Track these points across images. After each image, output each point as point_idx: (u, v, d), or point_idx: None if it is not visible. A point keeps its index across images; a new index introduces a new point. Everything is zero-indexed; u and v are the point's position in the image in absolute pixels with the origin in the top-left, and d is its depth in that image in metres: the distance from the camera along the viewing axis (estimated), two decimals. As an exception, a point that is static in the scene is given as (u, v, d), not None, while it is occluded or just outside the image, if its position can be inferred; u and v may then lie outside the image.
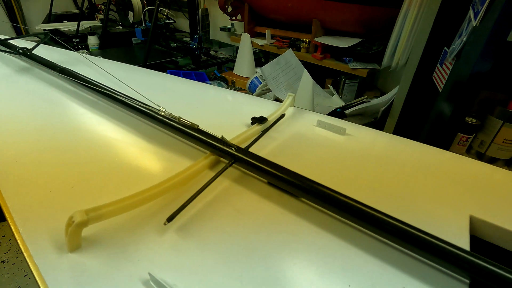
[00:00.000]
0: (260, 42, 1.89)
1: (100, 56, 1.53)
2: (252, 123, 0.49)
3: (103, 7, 2.66)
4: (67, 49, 0.82)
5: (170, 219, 0.29)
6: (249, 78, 1.62)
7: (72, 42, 2.08)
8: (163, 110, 0.42)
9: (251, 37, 1.85)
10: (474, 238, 0.34)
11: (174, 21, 2.60)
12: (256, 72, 1.61)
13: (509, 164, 1.10)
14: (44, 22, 2.65)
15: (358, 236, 0.30)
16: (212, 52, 2.18)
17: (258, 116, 0.49)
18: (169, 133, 0.46)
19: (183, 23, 2.82)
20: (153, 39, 1.94)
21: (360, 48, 1.47)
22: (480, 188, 0.38)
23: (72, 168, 0.39)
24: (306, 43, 1.66)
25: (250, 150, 0.39)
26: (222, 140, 0.38)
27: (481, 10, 0.70)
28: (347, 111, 1.25)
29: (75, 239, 0.27)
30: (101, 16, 2.53)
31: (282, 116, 0.51)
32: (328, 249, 0.29)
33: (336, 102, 1.47)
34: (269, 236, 0.30)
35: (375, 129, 0.52)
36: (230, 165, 0.37)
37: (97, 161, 0.40)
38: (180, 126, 0.41)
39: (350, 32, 1.54)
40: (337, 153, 0.45)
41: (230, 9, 2.05)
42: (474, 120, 1.06)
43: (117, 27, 2.35)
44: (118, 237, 0.29)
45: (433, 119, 0.95)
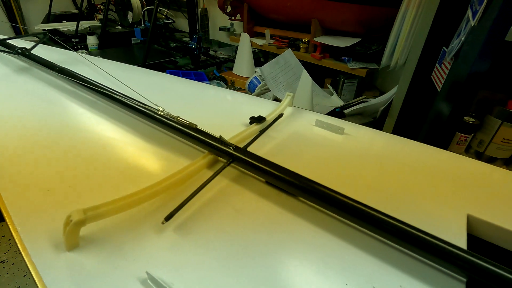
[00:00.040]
0: (259, 42, 1.89)
1: (99, 56, 1.53)
2: (251, 123, 0.49)
3: (102, 7, 2.66)
4: (66, 49, 0.82)
5: (168, 218, 0.29)
6: (248, 78, 1.62)
7: (72, 42, 2.08)
8: (162, 109, 0.42)
9: (250, 37, 1.85)
10: (472, 237, 0.34)
11: (173, 21, 2.60)
12: (255, 72, 1.61)
13: (508, 164, 1.10)
14: (43, 22, 2.65)
15: (356, 235, 0.30)
16: (211, 52, 2.18)
17: (256, 116, 0.49)
18: (168, 132, 0.46)
19: (182, 23, 2.82)
20: (152, 39, 1.94)
21: (359, 48, 1.48)
22: (477, 187, 0.38)
23: (70, 168, 0.39)
24: (305, 42, 1.66)
25: (248, 150, 0.39)
26: (220, 140, 0.38)
27: (479, 9, 0.70)
28: (346, 111, 1.25)
29: (73, 238, 0.27)
30: (101, 16, 2.53)
31: (281, 116, 0.51)
32: (326, 247, 0.29)
33: (335, 101, 1.47)
34: (267, 235, 0.30)
35: (374, 129, 0.52)
36: (228, 165, 0.37)
37: (96, 161, 0.40)
38: (178, 126, 0.41)
39: (349, 32, 1.54)
40: (335, 153, 0.45)
41: (229, 9, 2.05)
42: (473, 120, 1.06)
43: (117, 27, 2.35)
44: (116, 236, 0.29)
45: (432, 119, 0.95)
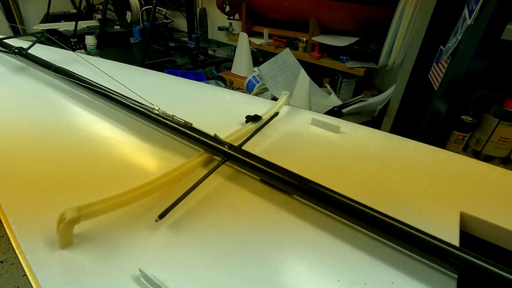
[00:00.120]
0: (257, 41, 1.89)
1: (98, 56, 1.53)
2: (247, 122, 0.49)
3: (101, 6, 2.65)
4: (64, 49, 0.82)
5: (161, 216, 0.30)
6: (247, 77, 1.63)
7: (70, 42, 2.08)
8: (157, 108, 0.42)
9: (249, 37, 1.85)
10: (468, 235, 0.34)
11: (172, 21, 2.60)
12: (254, 71, 1.61)
13: (506, 162, 1.10)
14: (41, 22, 2.65)
15: (348, 232, 0.31)
16: (210, 52, 2.18)
17: (252, 115, 0.49)
18: (163, 131, 0.46)
19: (181, 22, 2.82)
20: (151, 38, 1.94)
21: (357, 47, 1.48)
22: (471, 185, 0.39)
23: (65, 166, 0.39)
24: (303, 42, 1.66)
25: (244, 148, 0.39)
26: (215, 138, 0.39)
27: (475, 8, 0.71)
28: (344, 110, 1.25)
29: (67, 236, 0.27)
30: (99, 16, 2.53)
31: (276, 114, 0.51)
32: (319, 245, 0.29)
33: (334, 101, 1.47)
34: (261, 233, 0.30)
35: (369, 127, 0.52)
36: (222, 163, 0.37)
37: (91, 159, 0.41)
38: (174, 124, 0.41)
39: (347, 31, 1.54)
40: (330, 151, 0.45)
41: (228, 8, 2.05)
42: (471, 119, 1.06)
43: (115, 27, 2.35)
44: (110, 234, 0.29)
45: (429, 118, 0.95)
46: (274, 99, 1.32)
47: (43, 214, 0.31)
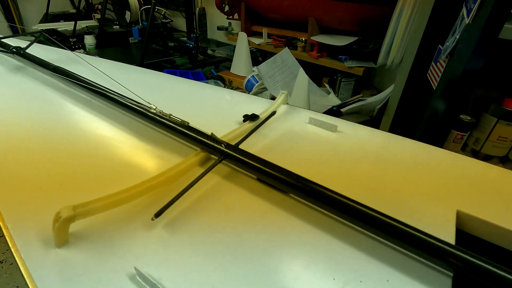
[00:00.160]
0: (257, 41, 1.89)
1: (97, 56, 1.53)
2: (244, 121, 0.49)
3: (100, 6, 2.65)
4: (62, 48, 0.82)
5: (157, 214, 0.30)
6: (246, 77, 1.63)
7: (69, 42, 2.08)
8: (154, 107, 0.42)
9: (248, 36, 1.85)
10: (466, 234, 0.34)
11: (171, 21, 2.60)
12: (253, 71, 1.61)
13: (504, 161, 1.10)
14: (41, 22, 2.65)
15: (344, 230, 0.31)
16: (209, 52, 2.18)
17: (250, 114, 0.49)
18: (161, 130, 0.46)
19: (180, 22, 2.82)
20: (150, 38, 1.94)
21: (356, 47, 1.48)
22: (468, 184, 0.39)
23: (62, 166, 0.39)
24: (302, 41, 1.66)
25: (241, 147, 0.39)
26: (211, 137, 0.39)
27: (473, 7, 0.71)
28: (343, 110, 1.25)
29: (62, 234, 0.27)
30: (98, 16, 2.53)
31: (273, 114, 0.51)
32: (315, 243, 0.29)
33: (333, 100, 1.47)
34: (257, 231, 0.30)
35: (367, 126, 0.52)
36: (219, 162, 0.37)
37: (88, 159, 0.41)
38: (171, 123, 0.41)
39: (346, 31, 1.54)
40: (327, 150, 0.45)
41: (227, 8, 2.05)
42: (469, 118, 1.06)
43: (114, 27, 2.35)
44: (105, 232, 0.29)
45: (427, 117, 0.95)
46: (273, 98, 1.32)
47: (39, 213, 0.31)
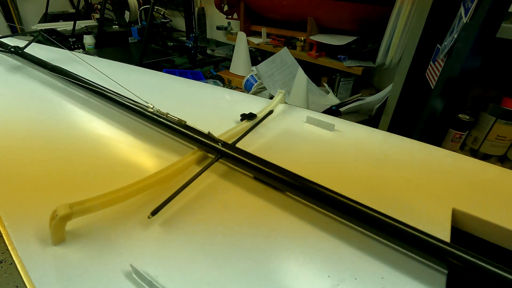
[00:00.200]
0: (256, 40, 1.89)
1: (96, 56, 1.53)
2: (242, 120, 0.49)
3: (99, 6, 2.65)
4: (61, 48, 0.82)
5: (154, 213, 0.30)
6: (245, 76, 1.63)
7: (69, 42, 2.08)
8: (151, 106, 0.42)
9: (247, 36, 1.85)
10: (462, 233, 0.34)
11: (170, 20, 2.60)
12: (252, 70, 1.61)
13: (503, 161, 1.10)
14: (40, 21, 2.65)
15: (339, 228, 0.31)
16: (208, 51, 2.18)
17: (247, 113, 0.49)
18: (158, 129, 0.46)
19: (180, 22, 2.82)
20: (149, 38, 1.94)
21: (355, 46, 1.48)
22: (464, 182, 0.39)
23: (60, 165, 0.39)
24: (301, 41, 1.66)
25: (238, 146, 0.39)
26: (208, 136, 0.39)
27: (471, 6, 0.71)
28: (342, 109, 1.25)
29: (59, 232, 0.27)
30: (98, 16, 2.53)
31: (271, 113, 0.51)
32: (311, 240, 0.29)
33: (332, 100, 1.47)
34: (253, 229, 0.31)
35: (364, 125, 0.52)
36: (216, 160, 0.37)
37: (86, 158, 0.41)
38: (168, 122, 0.41)
39: (345, 30, 1.54)
40: (324, 149, 0.45)
41: (226, 8, 2.05)
42: (468, 117, 1.06)
43: (114, 27, 2.35)
44: (102, 230, 0.29)
45: (426, 116, 0.95)
46: (272, 98, 1.32)
47: (36, 211, 0.31)
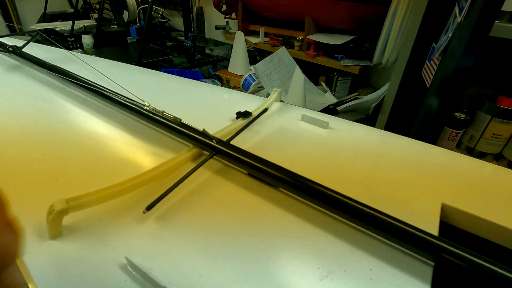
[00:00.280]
0: (254, 40, 1.90)
1: (95, 55, 1.53)
2: (237, 118, 0.50)
3: (98, 6, 2.65)
4: (59, 47, 0.83)
5: (149, 208, 0.30)
6: (243, 76, 1.63)
7: (67, 41, 2.09)
8: (147, 104, 0.43)
9: (245, 35, 1.86)
10: (458, 229, 0.35)
11: (169, 20, 2.61)
12: (250, 70, 1.62)
13: (498, 159, 1.11)
14: (39, 21, 2.65)
15: (330, 222, 0.32)
16: (207, 51, 2.19)
17: (243, 111, 0.50)
18: (154, 127, 0.47)
19: (178, 21, 2.82)
20: (148, 38, 1.94)
21: (352, 45, 1.49)
22: (454, 179, 0.40)
23: (57, 162, 0.40)
24: (299, 40, 1.67)
25: (233, 143, 0.40)
26: (203, 133, 0.39)
27: (465, 6, 0.72)
28: (339, 108, 1.26)
29: (56, 226, 0.28)
30: (96, 15, 2.53)
31: (265, 110, 0.52)
32: (302, 234, 0.30)
33: (329, 99, 1.48)
34: (246, 224, 0.31)
35: (357, 123, 0.53)
36: (210, 157, 0.38)
37: (83, 155, 0.41)
38: (164, 120, 0.42)
39: (342, 30, 1.55)
40: (318, 146, 0.46)
41: (224, 7, 2.06)
42: (464, 116, 1.07)
43: (112, 26, 2.36)
44: (98, 225, 0.30)
45: (422, 114, 0.96)
46: (270, 97, 1.33)
47: (34, 207, 0.32)
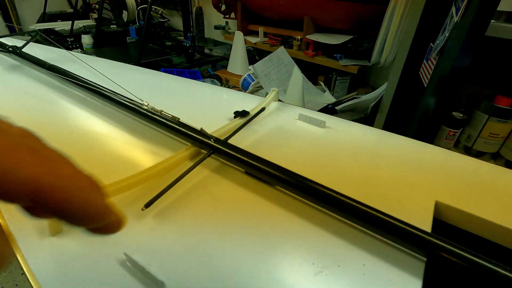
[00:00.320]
0: (253, 39, 1.90)
1: (94, 55, 1.54)
2: (235, 117, 0.51)
3: (97, 6, 2.66)
4: (58, 47, 0.83)
5: (147, 205, 0.31)
6: (242, 75, 1.64)
7: (67, 41, 2.09)
8: (146, 104, 0.44)
9: (245, 35, 1.86)
10: (452, 226, 0.36)
11: (168, 20, 2.61)
12: (249, 69, 1.63)
13: (496, 158, 1.12)
14: (38, 21, 2.65)
15: (324, 219, 0.32)
16: (206, 51, 2.19)
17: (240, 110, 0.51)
18: (153, 126, 0.48)
19: (178, 21, 2.82)
20: (147, 37, 1.95)
21: (351, 45, 1.49)
22: (450, 177, 0.40)
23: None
24: (298, 40, 1.67)
25: (230, 142, 0.41)
26: (201, 132, 0.40)
27: (461, 6, 0.72)
28: (337, 107, 1.27)
29: (56, 223, 0.29)
30: (96, 15, 2.53)
31: (263, 110, 0.53)
32: (297, 231, 0.31)
33: (328, 98, 1.48)
34: (243, 221, 0.32)
35: (354, 122, 0.54)
36: (208, 155, 0.38)
37: (82, 154, 0.42)
38: (162, 119, 0.43)
39: (341, 29, 1.55)
40: (314, 144, 0.47)
41: (223, 7, 2.06)
42: (461, 115, 1.08)
43: (112, 26, 2.36)
44: (97, 222, 0.31)
45: (420, 114, 0.97)
46: (269, 96, 1.33)
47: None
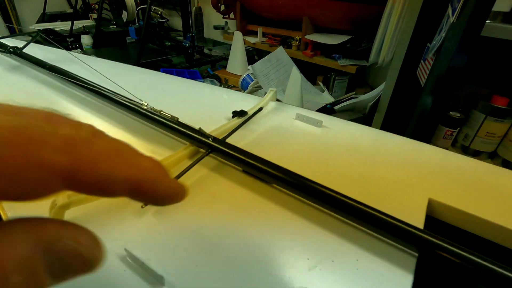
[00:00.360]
0: (252, 40, 1.91)
1: (94, 55, 1.55)
2: (233, 117, 0.51)
3: (97, 6, 2.66)
4: (58, 48, 0.84)
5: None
6: (241, 75, 1.65)
7: (66, 42, 2.10)
8: (145, 104, 0.44)
9: (244, 35, 1.87)
10: (446, 224, 0.37)
11: (168, 20, 2.62)
12: (248, 69, 1.63)
13: (493, 157, 1.13)
14: (38, 21, 2.66)
15: (319, 216, 0.33)
16: (206, 51, 2.20)
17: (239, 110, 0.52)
18: (152, 126, 0.48)
19: (177, 21, 2.83)
20: (146, 38, 1.95)
21: (349, 45, 1.50)
22: (444, 175, 0.41)
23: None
24: (296, 40, 1.68)
25: (228, 141, 0.41)
26: (199, 131, 0.41)
27: (457, 6, 0.73)
28: (336, 107, 1.28)
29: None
30: (95, 16, 2.54)
31: (260, 109, 0.54)
32: (292, 227, 0.31)
33: (327, 98, 1.49)
34: (240, 218, 0.33)
35: (351, 122, 0.54)
36: (206, 154, 0.39)
37: (83, 153, 0.43)
38: (161, 119, 0.43)
39: (339, 30, 1.56)
40: (311, 143, 0.47)
41: (223, 7, 2.07)
42: (459, 114, 1.09)
43: (111, 26, 2.37)
44: (98, 219, 0.31)
45: (417, 114, 0.98)
46: (267, 96, 1.34)
47: (37, 203, 0.33)
